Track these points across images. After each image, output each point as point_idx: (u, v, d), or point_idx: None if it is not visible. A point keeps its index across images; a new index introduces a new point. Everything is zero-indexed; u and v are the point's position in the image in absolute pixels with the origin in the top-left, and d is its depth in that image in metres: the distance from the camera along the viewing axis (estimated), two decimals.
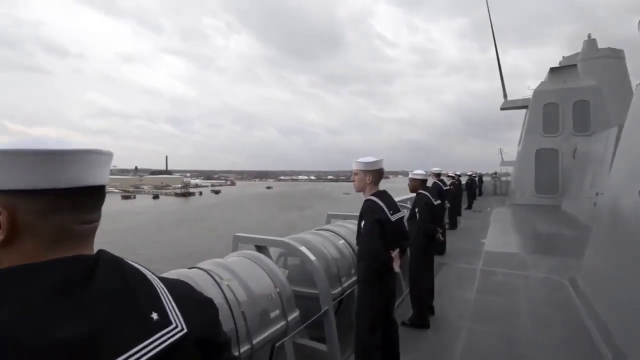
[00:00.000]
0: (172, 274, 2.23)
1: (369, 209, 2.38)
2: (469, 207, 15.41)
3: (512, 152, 22.87)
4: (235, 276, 2.39)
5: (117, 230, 43.87)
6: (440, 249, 7.01)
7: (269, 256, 3.10)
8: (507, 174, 23.51)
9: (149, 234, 42.42)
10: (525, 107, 20.25)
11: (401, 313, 4.11)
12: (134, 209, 72.19)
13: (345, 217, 4.66)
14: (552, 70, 18.63)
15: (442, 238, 4.00)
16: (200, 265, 2.53)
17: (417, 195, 3.98)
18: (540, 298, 4.72)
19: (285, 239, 3.09)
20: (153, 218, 56.65)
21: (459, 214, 12.74)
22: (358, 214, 2.56)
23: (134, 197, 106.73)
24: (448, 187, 7.51)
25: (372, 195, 2.43)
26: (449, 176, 10.72)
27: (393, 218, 2.38)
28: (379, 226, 2.29)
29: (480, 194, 21.90)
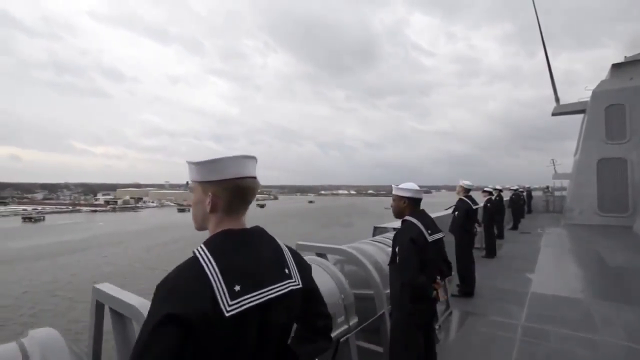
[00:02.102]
0: None
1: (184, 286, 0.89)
2: (514, 227, 13.15)
3: (567, 163, 20.01)
4: None
5: (178, 241, 45.32)
6: (469, 288, 5.30)
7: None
8: (561, 188, 20.56)
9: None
10: (582, 111, 17.52)
11: None
12: (191, 221, 74.96)
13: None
14: (615, 66, 15.94)
15: (442, 297, 2.40)
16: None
17: (402, 224, 2.49)
18: None
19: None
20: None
21: (501, 237, 10.71)
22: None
23: (189, 211, 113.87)
24: (479, 206, 5.78)
25: (214, 242, 0.97)
26: (484, 191, 8.82)
27: (277, 293, 0.95)
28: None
29: (530, 211, 19.22)
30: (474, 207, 5.48)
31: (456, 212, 5.47)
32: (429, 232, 2.36)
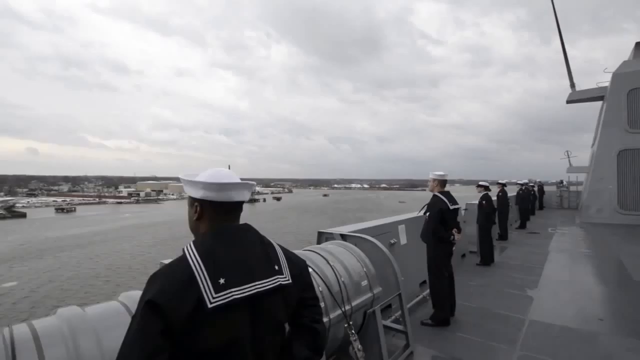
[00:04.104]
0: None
1: None
2: (522, 226, 11.71)
3: (583, 156, 18.34)
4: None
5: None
6: (444, 314, 4.02)
7: None
8: (577, 183, 18.88)
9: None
10: (601, 98, 15.79)
11: None
12: None
13: None
14: (639, 45, 14.21)
15: None
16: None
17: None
18: None
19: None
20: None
21: (505, 238, 9.36)
22: None
23: None
24: (458, 206, 4.43)
25: None
26: (479, 186, 7.46)
27: None
28: None
29: (542, 207, 17.64)
30: (451, 206, 4.15)
31: (427, 214, 4.17)
32: (222, 280, 0.97)
